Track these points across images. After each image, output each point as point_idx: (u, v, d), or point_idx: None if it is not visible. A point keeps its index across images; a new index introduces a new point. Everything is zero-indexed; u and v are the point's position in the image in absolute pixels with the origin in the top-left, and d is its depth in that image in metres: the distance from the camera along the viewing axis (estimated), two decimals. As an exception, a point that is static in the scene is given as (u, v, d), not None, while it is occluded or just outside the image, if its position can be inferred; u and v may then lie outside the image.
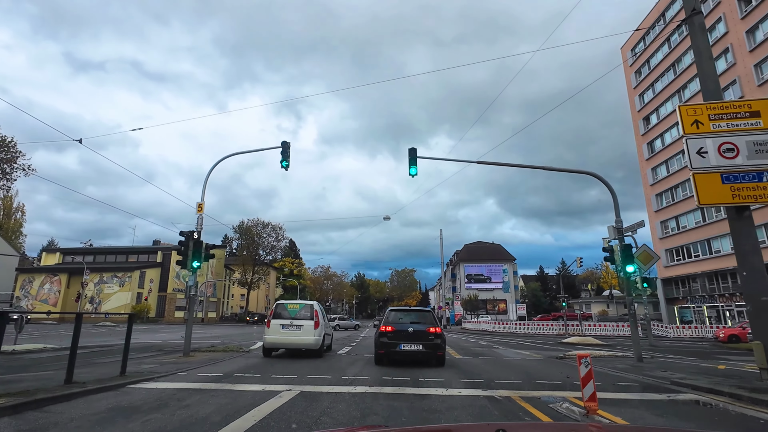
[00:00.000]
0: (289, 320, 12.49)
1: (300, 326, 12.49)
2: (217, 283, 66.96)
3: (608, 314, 52.50)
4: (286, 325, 12.44)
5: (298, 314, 12.70)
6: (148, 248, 56.96)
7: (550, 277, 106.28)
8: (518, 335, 34.86)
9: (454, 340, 24.51)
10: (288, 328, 12.44)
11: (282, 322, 12.42)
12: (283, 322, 12.42)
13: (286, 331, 12.39)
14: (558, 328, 35.23)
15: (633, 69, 53.42)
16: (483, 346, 20.05)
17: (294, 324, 12.49)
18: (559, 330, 34.81)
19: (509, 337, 31.73)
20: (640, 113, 51.87)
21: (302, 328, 12.44)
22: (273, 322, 12.49)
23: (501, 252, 78.60)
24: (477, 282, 74.70)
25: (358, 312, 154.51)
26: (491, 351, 16.98)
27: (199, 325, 48.70)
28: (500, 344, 21.57)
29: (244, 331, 34.63)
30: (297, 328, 12.48)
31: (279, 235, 71.93)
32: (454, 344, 20.50)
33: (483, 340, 25.54)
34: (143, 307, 47.05)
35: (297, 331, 12.43)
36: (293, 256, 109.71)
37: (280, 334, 12.32)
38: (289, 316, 12.61)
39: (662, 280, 47.32)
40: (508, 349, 17.60)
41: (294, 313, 12.72)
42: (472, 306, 52.21)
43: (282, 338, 12.29)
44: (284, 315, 12.64)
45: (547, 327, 35.86)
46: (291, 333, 12.41)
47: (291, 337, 12.33)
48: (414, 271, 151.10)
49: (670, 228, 47.13)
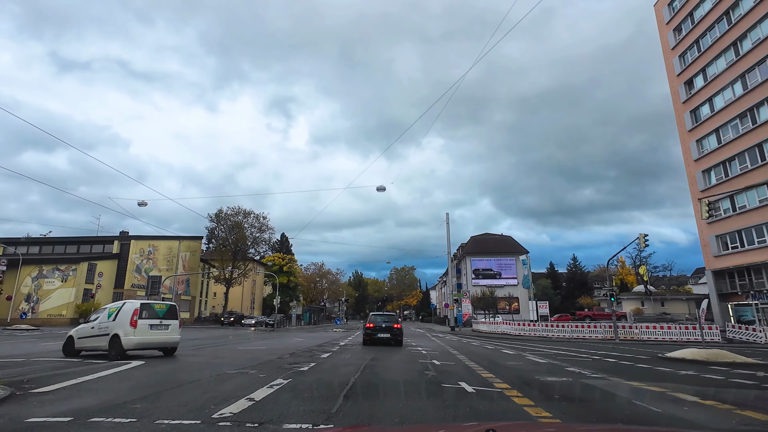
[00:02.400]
0: (158, 320, 12.35)
1: (168, 326, 12.49)
2: (193, 280, 59.02)
3: (643, 313, 44.77)
4: (156, 324, 12.22)
5: (165, 314, 12.62)
6: (102, 238, 48.96)
7: (560, 274, 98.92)
8: (552, 340, 27.06)
9: (477, 352, 16.62)
10: (157, 328, 12.28)
11: (151, 322, 12.10)
12: (152, 322, 12.15)
13: (156, 331, 12.24)
14: (601, 330, 27.39)
15: (670, 27, 45.46)
16: (538, 364, 12.11)
17: (163, 324, 12.40)
18: (605, 333, 26.97)
19: (545, 344, 23.87)
20: (681, 77, 43.93)
21: (170, 327, 12.50)
22: (140, 322, 11.84)
23: (511, 244, 70.75)
24: (486, 278, 66.82)
25: (356, 312, 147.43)
26: (581, 385, 9.02)
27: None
28: (556, 359, 13.68)
29: (208, 335, 26.84)
30: (165, 328, 12.45)
31: (263, 225, 63.90)
32: (484, 360, 12.64)
33: (519, 351, 17.70)
34: (91, 306, 39.11)
35: (165, 330, 12.45)
36: (284, 251, 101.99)
37: (150, 334, 12.07)
38: (158, 316, 12.41)
39: (713, 272, 39.43)
40: (606, 379, 9.57)
41: (161, 313, 12.57)
42: (486, 303, 44.37)
43: (151, 338, 12.14)
44: (152, 315, 12.26)
45: (587, 329, 28.02)
46: (160, 333, 12.34)
47: (160, 337, 12.37)
48: (414, 269, 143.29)
49: (722, 210, 39.15)
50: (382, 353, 13.99)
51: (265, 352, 14.12)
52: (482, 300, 44.48)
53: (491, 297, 45.11)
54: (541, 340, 27.10)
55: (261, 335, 27.38)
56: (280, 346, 17.04)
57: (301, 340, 21.78)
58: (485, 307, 44.69)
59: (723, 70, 38.37)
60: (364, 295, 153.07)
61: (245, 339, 22.17)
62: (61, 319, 39.03)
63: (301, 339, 22.09)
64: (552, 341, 25.57)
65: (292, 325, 53.53)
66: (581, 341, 25.72)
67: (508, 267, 67.86)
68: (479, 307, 46.38)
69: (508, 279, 65.73)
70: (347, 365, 10.19)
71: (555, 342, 24.72)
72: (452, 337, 30.42)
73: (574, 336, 27.99)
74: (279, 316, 50.99)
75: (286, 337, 23.73)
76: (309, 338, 24.06)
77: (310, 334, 29.66)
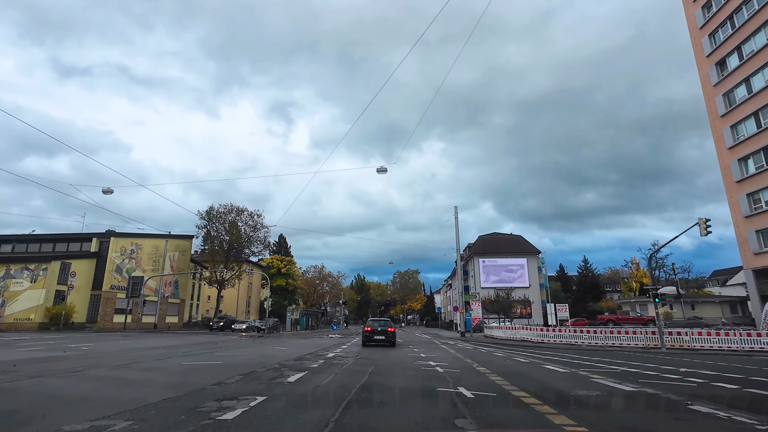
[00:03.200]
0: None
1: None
2: (183, 282, 55.18)
3: (673, 317, 40.57)
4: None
5: None
6: (79, 235, 45.13)
7: (570, 277, 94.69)
8: (583, 349, 22.97)
9: (510, 368, 12.59)
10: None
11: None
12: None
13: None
14: (641, 337, 23.20)
15: (698, 4, 41.49)
16: (633, 398, 8.05)
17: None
18: (645, 340, 22.79)
19: (584, 354, 19.80)
20: (711, 58, 39.85)
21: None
22: None
23: (522, 244, 66.49)
24: (496, 281, 62.60)
25: (358, 317, 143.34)
26: None
27: (143, 333, 36.89)
28: (638, 381, 9.61)
29: (180, 342, 22.88)
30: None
31: (257, 223, 59.94)
32: (534, 386, 8.61)
33: (566, 365, 13.68)
34: (62, 310, 35.33)
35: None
36: (283, 253, 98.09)
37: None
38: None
39: (753, 271, 35.20)
40: None
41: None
42: (501, 306, 40.19)
43: None
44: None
45: (623, 336, 23.81)
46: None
47: None
48: (418, 272, 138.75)
49: (763, 202, 34.99)
50: (381, 372, 10.11)
51: (213, 369, 10.21)
52: (496, 303, 40.30)
53: (507, 299, 40.90)
54: (570, 348, 22.98)
55: (242, 343, 23.45)
56: (248, 359, 13.08)
57: (282, 349, 17.81)
58: (500, 311, 40.50)
59: (763, 46, 34.33)
60: (367, 299, 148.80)
61: (218, 348, 18.26)
62: (29, 323, 35.20)
63: (284, 348, 18.12)
64: (585, 350, 21.46)
65: (287, 330, 49.47)
66: (618, 350, 21.61)
67: (519, 268, 63.63)
68: (492, 311, 42.22)
69: (520, 281, 61.47)
70: (317, 402, 6.24)
71: (591, 351, 20.61)
72: (465, 344, 26.38)
73: (608, 343, 23.83)
74: (273, 321, 47.07)
75: (268, 346, 19.76)
76: (294, 347, 20.10)
77: (300, 341, 25.69)
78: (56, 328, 34.20)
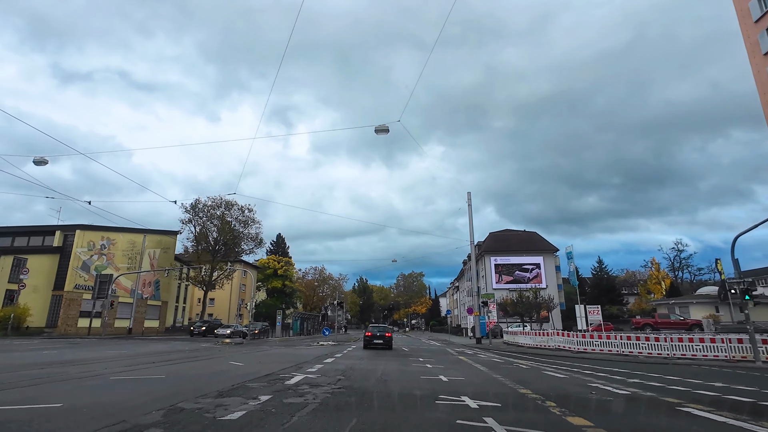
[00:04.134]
0: None
1: None
2: (165, 282, 50.06)
3: (720, 320, 34.97)
4: None
5: None
6: (39, 228, 39.94)
7: (583, 279, 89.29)
8: (642, 361, 17.60)
9: (606, 404, 7.24)
10: None
11: None
12: None
13: None
14: (720, 346, 17.73)
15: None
16: None
17: None
18: (728, 350, 17.31)
19: (648, 369, 14.49)
20: (760, 23, 34.52)
21: None
22: None
23: (537, 241, 60.98)
24: (510, 281, 57.18)
25: (360, 321, 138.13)
26: None
27: (109, 339, 31.87)
28: None
29: (144, 351, 17.67)
30: None
31: (248, 219, 54.72)
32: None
33: (682, 394, 8.32)
34: (11, 312, 30.24)
35: None
36: (281, 253, 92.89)
37: None
38: None
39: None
40: None
41: None
42: (526, 308, 34.70)
43: None
44: None
45: (695, 344, 18.33)
46: None
47: None
48: (422, 275, 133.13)
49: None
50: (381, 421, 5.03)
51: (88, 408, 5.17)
52: (520, 304, 34.82)
53: (533, 300, 35.36)
54: (627, 361, 17.60)
55: (206, 353, 18.24)
56: (157, 388, 7.83)
57: (239, 365, 12.53)
58: (524, 313, 35.01)
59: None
60: (370, 303, 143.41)
61: (166, 360, 13.09)
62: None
63: (240, 364, 12.81)
64: (652, 365, 16.07)
65: (276, 335, 44.21)
66: (693, 364, 16.21)
67: (535, 267, 58.14)
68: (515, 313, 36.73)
69: (536, 281, 55.94)
70: None
71: (660, 367, 15.22)
72: (488, 354, 21.05)
73: (672, 354, 18.38)
74: (261, 325, 41.87)
75: (225, 360, 14.50)
76: (261, 359, 14.89)
77: (278, 351, 20.44)
78: (2, 334, 29.11)
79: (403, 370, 12.09)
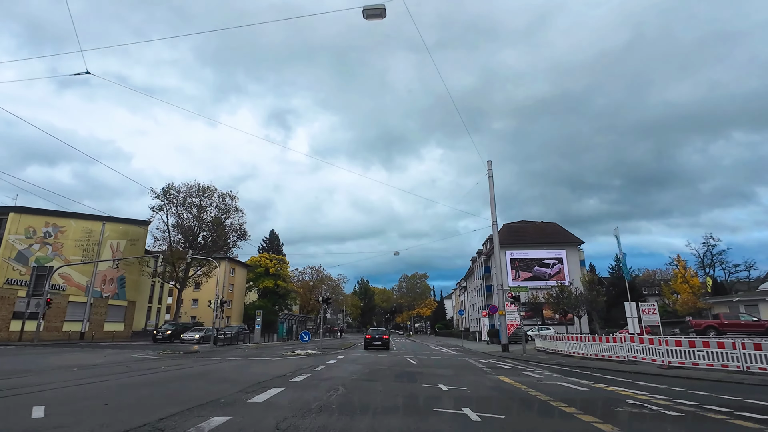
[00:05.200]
0: None
1: None
2: (133, 280, 43.40)
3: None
4: None
5: None
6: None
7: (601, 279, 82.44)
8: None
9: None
10: None
11: None
12: None
13: None
14: None
15: None
16: None
17: None
18: None
19: None
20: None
21: None
22: None
23: (558, 233, 54.02)
24: (528, 278, 50.31)
25: (362, 324, 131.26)
26: None
27: (43, 346, 25.28)
28: None
29: (45, 365, 10.94)
30: None
31: (229, 207, 47.92)
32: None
33: None
34: None
35: None
36: (274, 251, 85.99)
37: None
38: None
39: None
40: None
41: None
42: (572, 305, 27.80)
43: None
44: None
45: None
46: None
47: None
48: (426, 276, 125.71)
49: None
50: None
51: None
52: (554, 303, 27.92)
53: (569, 297, 28.43)
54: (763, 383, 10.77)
55: (117, 369, 11.56)
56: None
57: (105, 406, 5.82)
58: (559, 313, 28.16)
59: None
60: (371, 305, 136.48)
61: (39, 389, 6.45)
62: None
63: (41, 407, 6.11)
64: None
65: (255, 339, 37.41)
66: None
67: (556, 262, 51.18)
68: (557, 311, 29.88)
69: (558, 277, 48.95)
70: None
71: None
72: (535, 370, 14.18)
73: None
74: (238, 328, 35.15)
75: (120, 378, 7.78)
76: (145, 389, 8.21)
77: (217, 367, 13.69)
78: None
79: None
